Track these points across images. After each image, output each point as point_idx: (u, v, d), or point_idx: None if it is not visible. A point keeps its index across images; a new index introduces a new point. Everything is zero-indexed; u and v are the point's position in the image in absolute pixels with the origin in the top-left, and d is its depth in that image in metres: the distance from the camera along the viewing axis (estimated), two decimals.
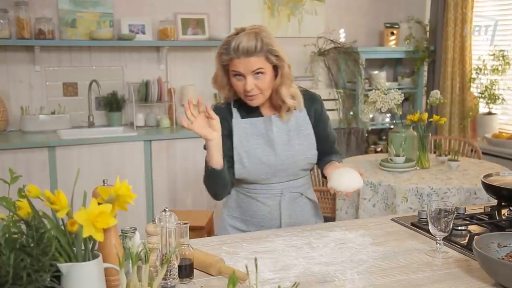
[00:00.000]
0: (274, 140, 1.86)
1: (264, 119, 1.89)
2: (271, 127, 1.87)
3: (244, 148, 1.85)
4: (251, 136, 1.87)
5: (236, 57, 1.73)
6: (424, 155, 3.28)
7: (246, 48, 1.72)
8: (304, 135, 1.90)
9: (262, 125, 1.88)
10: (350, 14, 4.87)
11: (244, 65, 1.74)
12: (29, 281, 0.99)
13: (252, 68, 1.74)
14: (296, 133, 1.89)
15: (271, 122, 1.88)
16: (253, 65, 1.74)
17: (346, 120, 4.50)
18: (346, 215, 3.21)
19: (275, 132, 1.87)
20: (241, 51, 1.72)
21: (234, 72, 1.77)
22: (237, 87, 1.80)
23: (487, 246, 1.44)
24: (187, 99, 1.83)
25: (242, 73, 1.75)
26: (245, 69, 1.74)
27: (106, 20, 4.09)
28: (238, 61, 1.74)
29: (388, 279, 1.41)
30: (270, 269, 1.48)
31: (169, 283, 1.32)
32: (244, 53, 1.72)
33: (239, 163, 1.85)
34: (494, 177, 1.97)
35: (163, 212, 1.36)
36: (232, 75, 1.78)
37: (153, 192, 3.85)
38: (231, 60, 1.75)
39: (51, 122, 3.94)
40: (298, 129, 1.90)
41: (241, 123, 1.87)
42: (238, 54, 1.73)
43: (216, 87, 1.89)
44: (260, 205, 1.90)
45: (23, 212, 1.09)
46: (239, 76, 1.77)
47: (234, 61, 1.74)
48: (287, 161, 1.87)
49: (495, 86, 4.16)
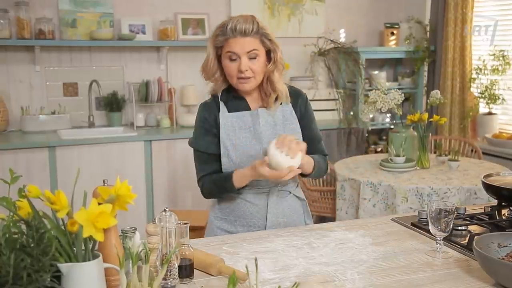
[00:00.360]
0: (261, 133, 1.86)
1: (251, 112, 1.88)
2: (258, 120, 1.87)
3: (231, 141, 1.85)
4: (238, 129, 1.86)
5: (233, 36, 1.76)
6: (424, 155, 3.28)
7: (244, 28, 1.75)
8: (290, 129, 1.90)
9: (249, 119, 1.88)
10: (350, 14, 4.87)
11: (240, 44, 1.76)
12: (29, 281, 0.99)
13: (247, 48, 1.77)
14: (283, 127, 1.89)
15: (258, 115, 1.88)
16: (249, 45, 1.77)
17: (346, 120, 4.50)
18: (346, 215, 3.22)
19: (262, 125, 1.87)
20: (238, 31, 1.75)
21: (229, 53, 1.78)
22: (229, 70, 1.80)
23: (487, 246, 1.44)
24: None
25: (237, 53, 1.77)
26: (241, 48, 1.76)
27: (106, 20, 4.09)
28: (234, 40, 1.76)
29: (388, 279, 1.41)
30: (270, 269, 1.48)
31: (169, 283, 1.32)
32: (240, 32, 1.75)
33: (226, 156, 1.85)
34: (494, 177, 1.97)
35: (163, 212, 1.36)
36: (226, 57, 1.79)
37: (153, 192, 3.85)
38: (226, 40, 1.77)
39: (51, 122, 3.94)
40: (284, 123, 1.90)
41: (228, 117, 1.87)
42: (235, 33, 1.76)
43: (205, 75, 1.88)
44: (248, 205, 1.89)
45: (23, 212, 1.09)
46: (234, 57, 1.78)
47: (230, 41, 1.77)
48: None
49: (495, 86, 4.16)
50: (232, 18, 1.79)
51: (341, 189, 3.23)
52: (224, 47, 1.79)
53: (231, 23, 1.77)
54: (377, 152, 4.51)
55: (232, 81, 1.84)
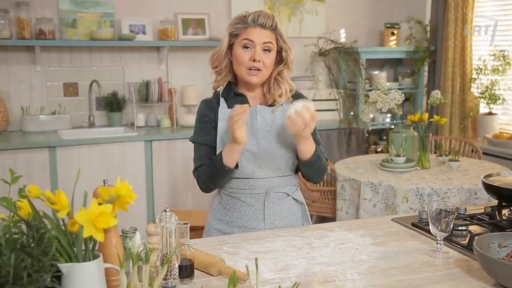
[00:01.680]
0: (258, 129, 1.86)
1: (250, 108, 1.86)
2: (255, 116, 1.87)
3: (228, 135, 1.82)
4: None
5: (253, 26, 1.82)
6: (425, 155, 3.28)
7: (265, 21, 1.82)
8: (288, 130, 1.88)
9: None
10: (350, 14, 4.87)
11: (259, 34, 1.81)
12: (29, 281, 0.99)
13: (264, 39, 1.82)
14: (281, 126, 1.87)
15: (256, 111, 1.87)
16: (266, 37, 1.82)
17: (346, 120, 4.50)
18: (347, 215, 3.21)
19: (259, 121, 1.86)
20: (259, 22, 1.82)
21: (245, 41, 1.81)
22: (242, 57, 1.82)
23: (487, 246, 1.44)
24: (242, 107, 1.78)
25: (254, 42, 1.81)
26: (259, 38, 1.81)
27: (107, 20, 4.09)
28: (254, 30, 1.81)
29: (389, 279, 1.41)
30: (270, 269, 1.47)
31: (169, 283, 1.32)
32: (261, 24, 1.82)
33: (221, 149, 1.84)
34: (495, 177, 1.97)
35: (163, 212, 1.36)
36: (240, 45, 1.82)
37: (153, 192, 3.85)
38: (245, 28, 1.82)
39: (51, 122, 3.95)
40: (283, 119, 1.87)
41: (227, 112, 1.87)
42: (256, 24, 1.82)
43: (212, 63, 1.91)
44: (244, 206, 1.88)
45: (23, 212, 1.09)
46: (249, 44, 1.81)
47: (249, 29, 1.82)
48: (270, 151, 1.85)
49: (496, 86, 4.16)
50: (253, 11, 1.85)
51: (341, 189, 3.23)
52: (240, 35, 1.83)
53: (253, 14, 1.83)
54: (377, 152, 4.51)
55: (241, 71, 1.85)
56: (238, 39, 1.84)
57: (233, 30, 1.84)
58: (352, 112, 4.55)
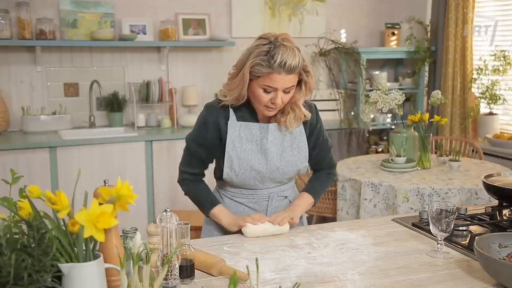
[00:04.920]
0: (268, 149, 1.83)
1: (260, 125, 1.84)
2: (266, 135, 1.83)
3: (236, 152, 1.81)
4: (245, 140, 1.82)
5: (278, 72, 1.66)
6: (425, 155, 3.27)
7: (292, 66, 1.66)
8: (298, 147, 1.88)
9: (257, 131, 1.83)
10: (351, 15, 4.87)
11: (283, 81, 1.67)
12: (30, 282, 0.99)
13: (288, 84, 1.69)
14: (290, 145, 1.86)
15: (267, 130, 1.83)
16: (290, 82, 1.70)
17: (347, 121, 4.50)
18: (347, 216, 3.21)
19: (270, 140, 1.83)
20: (286, 68, 1.66)
21: (267, 86, 1.69)
22: (261, 98, 1.72)
23: (488, 246, 1.44)
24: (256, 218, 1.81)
25: (278, 88, 1.69)
26: (282, 85, 1.68)
27: (107, 21, 4.09)
28: (279, 77, 1.66)
29: (389, 280, 1.41)
30: (271, 269, 1.48)
31: (170, 284, 1.32)
32: (287, 70, 1.66)
33: (229, 167, 1.83)
34: (495, 178, 1.97)
35: (164, 212, 1.36)
36: (261, 87, 1.70)
37: (154, 192, 3.85)
38: (269, 74, 1.66)
39: (52, 123, 3.95)
40: (292, 140, 1.87)
41: (237, 126, 1.82)
42: (281, 70, 1.65)
43: (228, 88, 1.78)
44: (247, 209, 1.91)
45: (24, 212, 1.09)
46: (270, 90, 1.70)
47: (273, 76, 1.66)
48: (278, 171, 1.85)
49: (496, 87, 4.16)
50: (278, 50, 1.65)
51: (342, 190, 3.23)
52: (263, 78, 1.68)
53: (279, 57, 1.64)
54: (378, 153, 4.51)
55: (258, 107, 1.78)
56: (259, 81, 1.69)
57: (255, 72, 1.68)
58: (352, 112, 4.56)
